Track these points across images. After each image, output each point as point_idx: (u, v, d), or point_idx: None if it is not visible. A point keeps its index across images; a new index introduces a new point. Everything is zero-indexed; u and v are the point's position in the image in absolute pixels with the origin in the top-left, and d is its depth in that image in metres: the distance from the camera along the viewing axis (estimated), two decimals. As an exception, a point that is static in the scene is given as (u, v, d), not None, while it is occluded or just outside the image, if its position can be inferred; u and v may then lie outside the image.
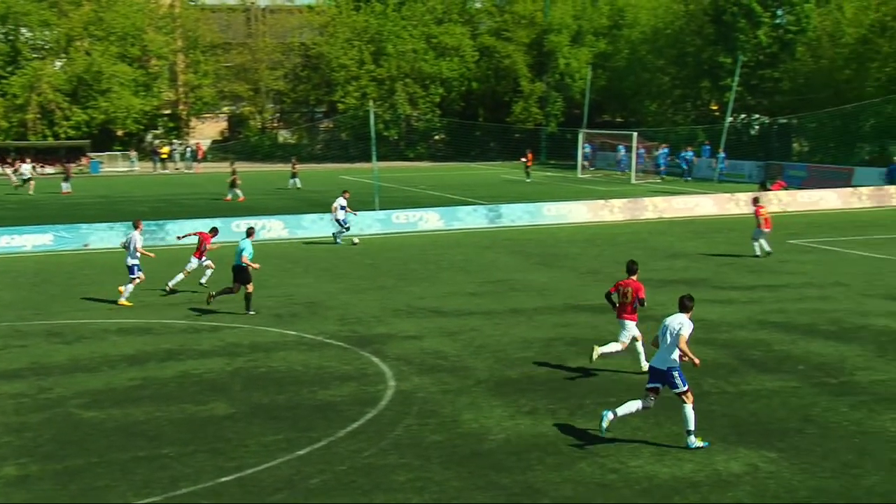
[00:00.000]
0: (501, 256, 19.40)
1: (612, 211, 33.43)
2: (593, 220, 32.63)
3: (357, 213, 29.03)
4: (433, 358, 14.33)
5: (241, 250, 17.58)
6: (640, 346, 13.28)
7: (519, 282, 20.76)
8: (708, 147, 48.44)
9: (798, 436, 10.53)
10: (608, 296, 13.45)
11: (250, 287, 17.57)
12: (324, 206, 31.40)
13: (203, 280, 20.10)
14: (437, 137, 73.10)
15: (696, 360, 10.27)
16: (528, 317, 17.14)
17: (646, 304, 13.30)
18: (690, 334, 10.29)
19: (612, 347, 13.16)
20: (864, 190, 37.38)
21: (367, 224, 30.29)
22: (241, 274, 17.52)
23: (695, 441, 10.19)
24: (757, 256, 23.59)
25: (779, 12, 55.46)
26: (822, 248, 25.07)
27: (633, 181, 49.11)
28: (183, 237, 22.18)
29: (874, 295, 18.43)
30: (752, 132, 58.33)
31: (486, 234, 24.36)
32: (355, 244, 26.72)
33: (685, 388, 10.26)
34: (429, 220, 31.25)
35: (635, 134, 50.59)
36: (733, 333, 15.47)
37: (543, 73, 69.05)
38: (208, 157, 65.83)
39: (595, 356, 12.89)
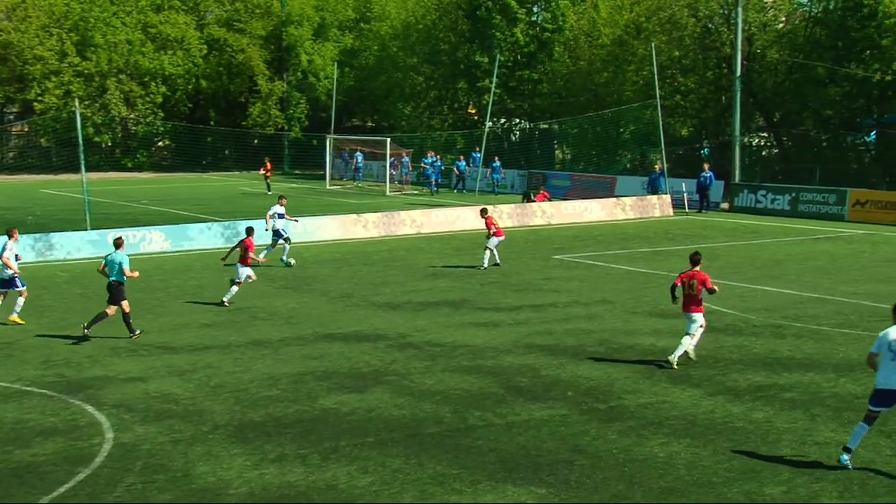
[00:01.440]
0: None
1: (365, 226, 33.86)
2: (345, 236, 32.89)
3: (297, 219, 28.93)
4: (161, 402, 13.76)
5: (119, 263, 17.80)
6: (688, 339, 15.49)
7: (262, 309, 20.49)
8: (477, 155, 50.52)
9: (568, 468, 11.15)
10: (672, 289, 15.72)
11: (126, 305, 17.78)
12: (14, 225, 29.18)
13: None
14: (160, 144, 70.70)
15: None
16: (274, 349, 16.94)
17: (717, 290, 15.63)
18: None
19: (687, 344, 15.46)
20: (627, 200, 40.56)
21: (76, 247, 28.68)
22: (117, 291, 17.75)
23: None
24: (484, 268, 25.33)
25: (535, 9, 58.98)
26: (587, 264, 26.85)
27: (388, 193, 50.17)
28: (226, 258, 22.62)
29: (640, 312, 19.98)
30: (514, 138, 61.51)
31: (222, 255, 23.87)
32: (290, 265, 26.15)
33: None
34: (153, 240, 30.09)
35: (388, 140, 51.77)
36: (500, 359, 16.15)
37: (284, 70, 68.90)
38: None
39: (675, 361, 15.23)
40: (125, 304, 17.80)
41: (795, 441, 11.84)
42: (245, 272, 21.15)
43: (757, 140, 52.17)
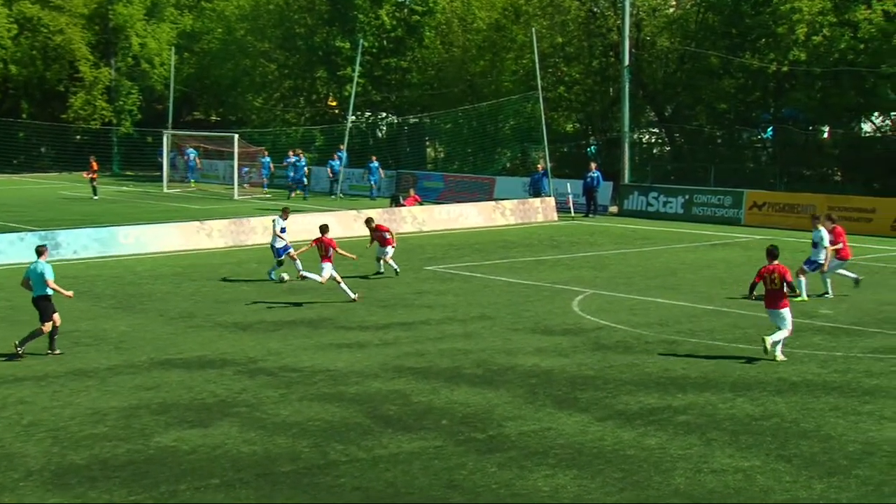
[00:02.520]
0: (60, 299, 18.53)
1: (210, 235, 33.32)
2: (186, 247, 32.28)
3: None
4: (-39, 449, 13.19)
5: (41, 273, 18.01)
6: (785, 332, 17.21)
7: (87, 333, 19.92)
8: (344, 153, 50.37)
9: (443, 505, 11.20)
10: (752, 286, 17.43)
11: (57, 319, 18.09)
12: None
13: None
14: (-41, 140, 67.83)
15: None
16: (101, 380, 16.48)
17: (796, 289, 17.62)
18: None
19: (780, 335, 17.15)
20: (507, 204, 41.15)
21: None
22: (46, 305, 18.00)
23: None
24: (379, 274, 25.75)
25: (403, -12, 59.32)
26: (463, 275, 27.09)
27: (237, 197, 49.54)
28: (301, 274, 24.23)
29: (522, 329, 20.28)
30: (380, 134, 61.63)
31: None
32: (284, 280, 25.83)
33: None
34: (-49, 254, 28.87)
35: (237, 136, 51.12)
36: (365, 385, 16.12)
37: (111, 55, 67.30)
38: None
39: (769, 346, 16.94)
40: (56, 317, 18.13)
41: (690, 469, 12.20)
42: (328, 270, 23.23)
43: (647, 137, 53.74)
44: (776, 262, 17.44)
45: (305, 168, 50.19)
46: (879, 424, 13.79)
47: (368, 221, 27.22)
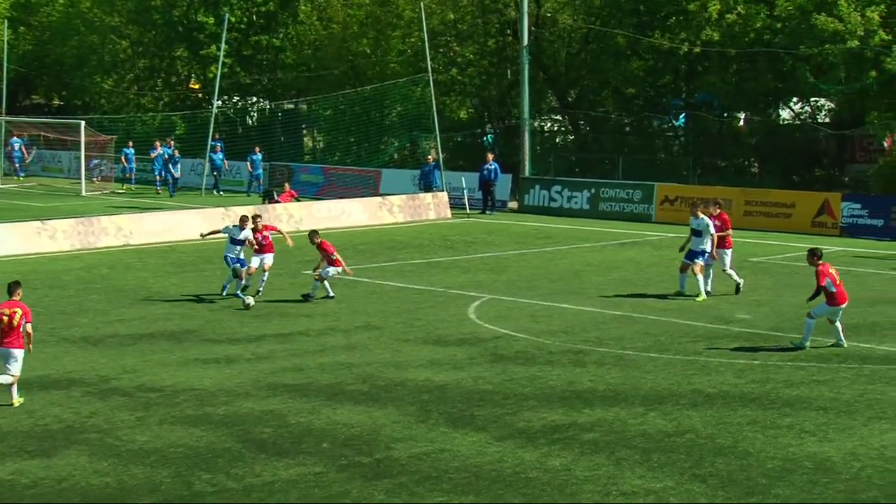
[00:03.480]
0: None
1: (53, 237, 32.75)
2: (26, 250, 31.62)
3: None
4: None
5: None
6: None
7: None
8: (219, 142, 49.74)
9: (325, 540, 11.19)
10: (823, 287, 19.07)
11: None
12: None
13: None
14: None
15: None
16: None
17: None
18: None
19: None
20: (395, 199, 41.21)
21: None
22: None
23: None
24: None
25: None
26: (347, 280, 27.02)
27: (85, 192, 48.61)
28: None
29: (413, 339, 20.35)
30: (251, 121, 61.07)
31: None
32: (248, 306, 23.42)
33: None
34: None
35: (83, 123, 50.15)
36: (235, 404, 15.99)
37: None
38: None
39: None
40: None
41: (598, 492, 12.41)
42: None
43: (549, 124, 54.33)
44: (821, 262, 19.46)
45: (174, 161, 49.23)
46: (800, 439, 14.23)
47: (313, 235, 25.10)
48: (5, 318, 15.96)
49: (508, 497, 12.28)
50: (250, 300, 23.57)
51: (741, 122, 48.46)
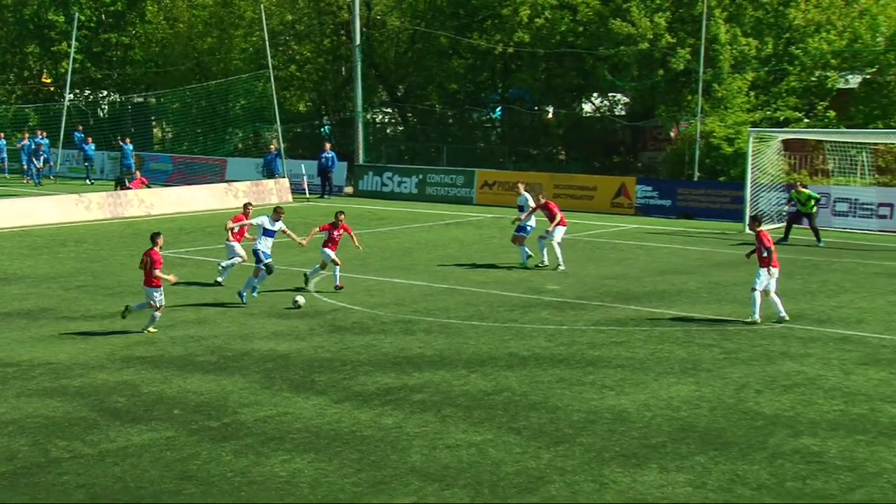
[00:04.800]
0: None
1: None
2: None
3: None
4: None
5: None
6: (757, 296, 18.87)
7: None
8: (81, 134, 47.94)
9: (175, 498, 11.00)
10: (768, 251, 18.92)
11: None
12: None
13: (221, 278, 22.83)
14: None
15: None
16: None
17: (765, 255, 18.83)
18: None
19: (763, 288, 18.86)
20: (240, 185, 40.63)
21: None
22: None
23: None
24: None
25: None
26: (196, 259, 26.57)
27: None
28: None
29: (257, 313, 20.14)
30: (102, 114, 59.26)
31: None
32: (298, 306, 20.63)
33: None
34: None
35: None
36: (90, 376, 15.56)
37: None
38: None
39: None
40: None
41: (426, 446, 12.54)
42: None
43: (381, 116, 54.39)
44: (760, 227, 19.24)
45: (39, 152, 47.22)
46: (601, 393, 14.64)
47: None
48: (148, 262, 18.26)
49: (346, 454, 12.29)
50: (303, 298, 20.97)
51: (550, 115, 49.47)
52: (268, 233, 21.52)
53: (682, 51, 38.80)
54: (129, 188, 39.83)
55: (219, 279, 23.27)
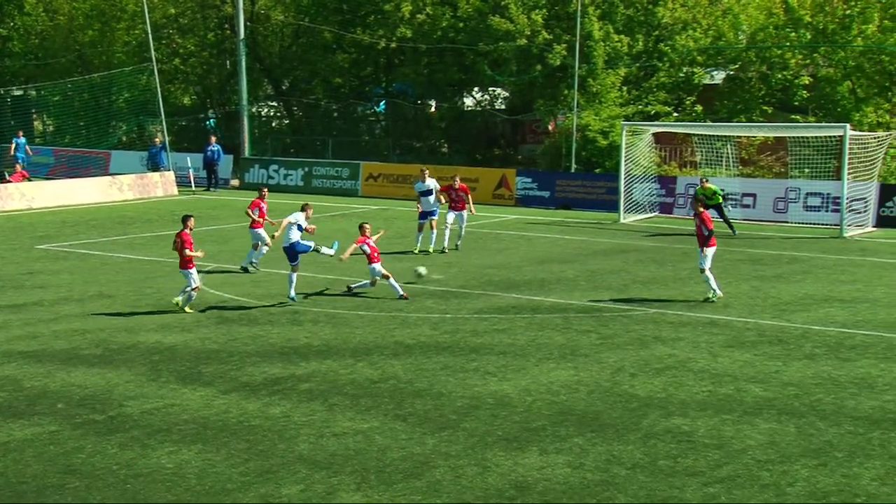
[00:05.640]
0: None
1: None
2: None
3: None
4: None
5: None
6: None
7: None
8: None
9: (59, 493, 10.71)
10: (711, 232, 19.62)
11: None
12: None
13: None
14: None
15: None
16: None
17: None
18: None
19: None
20: (124, 179, 39.71)
21: None
22: None
23: None
24: None
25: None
26: (79, 253, 25.88)
27: None
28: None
29: (144, 307, 19.72)
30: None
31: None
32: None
33: None
34: None
35: None
36: (-29, 374, 15.03)
37: None
38: None
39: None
40: None
41: (313, 435, 12.45)
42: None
43: (266, 110, 53.79)
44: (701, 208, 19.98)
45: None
46: (483, 380, 14.75)
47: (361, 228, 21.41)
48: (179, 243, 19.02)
49: (233, 444, 12.13)
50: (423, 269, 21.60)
51: (432, 109, 49.55)
52: (300, 228, 20.63)
53: (559, 47, 39.26)
54: (9, 181, 38.54)
55: (253, 262, 23.68)
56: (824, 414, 13.15)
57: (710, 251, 19.64)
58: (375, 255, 20.47)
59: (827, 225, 30.59)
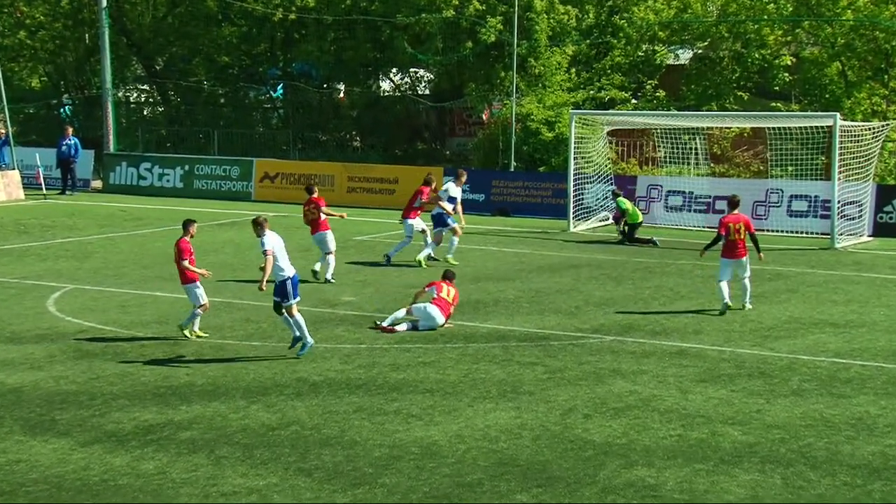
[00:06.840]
0: None
1: None
2: None
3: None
4: None
5: None
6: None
7: None
8: None
9: None
10: (716, 239, 21.33)
11: None
12: None
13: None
14: None
15: None
16: None
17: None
18: None
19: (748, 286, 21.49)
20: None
21: None
22: None
23: None
24: None
25: None
26: None
27: None
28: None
29: (-19, 336, 19.36)
30: None
31: None
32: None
33: None
34: None
35: None
36: None
37: None
38: None
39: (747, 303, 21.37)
40: None
41: (197, 494, 12.29)
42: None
43: (136, 95, 53.33)
44: (737, 211, 21.37)
45: None
46: (406, 424, 14.71)
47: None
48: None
49: (95, 509, 11.94)
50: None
51: (341, 94, 49.53)
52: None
53: (493, 20, 39.53)
54: None
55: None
56: (816, 462, 13.33)
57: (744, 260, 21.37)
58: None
59: (815, 234, 31.19)
